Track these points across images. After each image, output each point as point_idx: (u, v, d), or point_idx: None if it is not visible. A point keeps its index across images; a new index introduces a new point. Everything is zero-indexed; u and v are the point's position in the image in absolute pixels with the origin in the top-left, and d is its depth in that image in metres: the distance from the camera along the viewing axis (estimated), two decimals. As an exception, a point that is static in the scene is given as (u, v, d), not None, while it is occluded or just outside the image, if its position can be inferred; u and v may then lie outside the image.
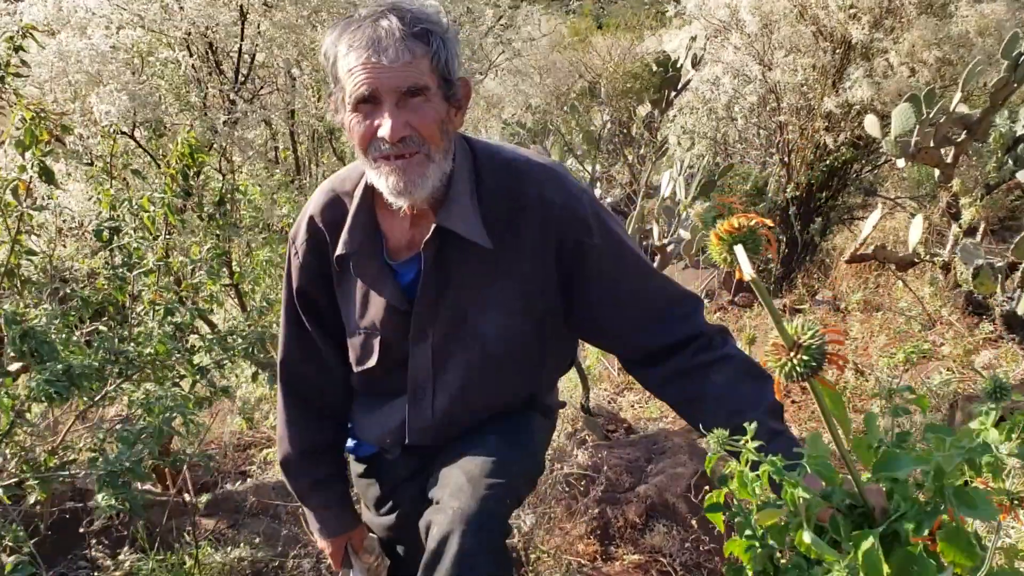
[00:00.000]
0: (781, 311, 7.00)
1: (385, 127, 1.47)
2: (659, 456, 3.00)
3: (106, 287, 2.38)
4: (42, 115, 2.09)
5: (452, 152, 1.60)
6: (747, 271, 1.10)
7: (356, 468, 1.99)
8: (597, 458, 3.02)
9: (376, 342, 1.74)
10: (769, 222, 1.14)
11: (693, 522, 2.92)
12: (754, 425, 1.32)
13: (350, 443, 1.98)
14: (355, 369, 1.82)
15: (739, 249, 1.11)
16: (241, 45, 4.19)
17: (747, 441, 1.32)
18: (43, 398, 2.00)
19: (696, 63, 8.76)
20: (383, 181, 1.54)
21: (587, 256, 1.65)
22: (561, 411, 2.12)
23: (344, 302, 1.77)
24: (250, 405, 4.51)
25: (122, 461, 2.00)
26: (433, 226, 1.60)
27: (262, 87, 4.55)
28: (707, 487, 2.89)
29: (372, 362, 1.77)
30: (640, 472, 2.92)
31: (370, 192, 1.67)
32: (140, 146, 3.96)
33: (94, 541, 2.70)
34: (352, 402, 1.94)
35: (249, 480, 3.21)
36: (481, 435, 1.77)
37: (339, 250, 1.68)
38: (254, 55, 4.31)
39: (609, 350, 1.88)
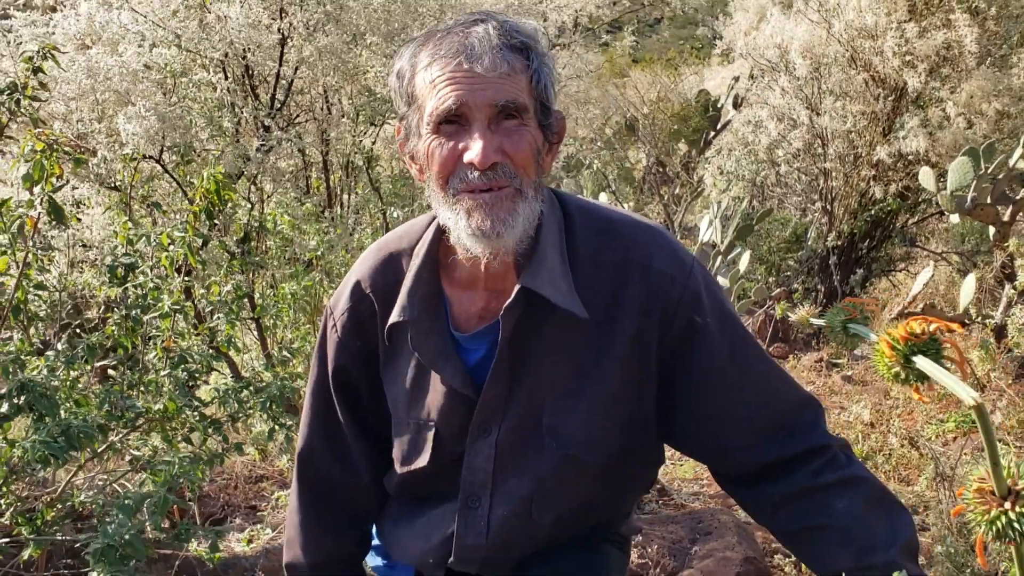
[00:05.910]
0: (817, 363, 6.76)
1: (475, 149, 1.20)
2: (704, 537, 2.75)
3: (116, 333, 2.19)
4: (54, 147, 1.89)
5: (543, 195, 1.31)
6: (966, 395, 0.83)
7: None
8: (635, 536, 2.78)
9: (429, 436, 1.42)
10: (956, 326, 0.89)
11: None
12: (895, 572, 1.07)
13: (378, 561, 1.67)
14: (398, 470, 1.48)
15: (924, 362, 0.86)
16: (280, 70, 4.03)
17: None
18: (37, 460, 1.80)
19: (738, 104, 8.58)
20: (463, 220, 1.24)
21: (696, 341, 1.34)
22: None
23: (392, 387, 1.45)
24: (263, 435, 4.33)
25: (121, 534, 1.79)
26: (517, 288, 1.29)
27: (298, 114, 4.39)
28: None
29: (423, 461, 1.43)
30: (684, 555, 2.68)
31: (435, 248, 1.38)
32: (167, 172, 3.80)
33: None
34: (382, 510, 1.60)
35: (255, 543, 3.00)
36: None
37: (394, 317, 1.36)
38: (292, 81, 4.16)
39: (705, 462, 1.50)
